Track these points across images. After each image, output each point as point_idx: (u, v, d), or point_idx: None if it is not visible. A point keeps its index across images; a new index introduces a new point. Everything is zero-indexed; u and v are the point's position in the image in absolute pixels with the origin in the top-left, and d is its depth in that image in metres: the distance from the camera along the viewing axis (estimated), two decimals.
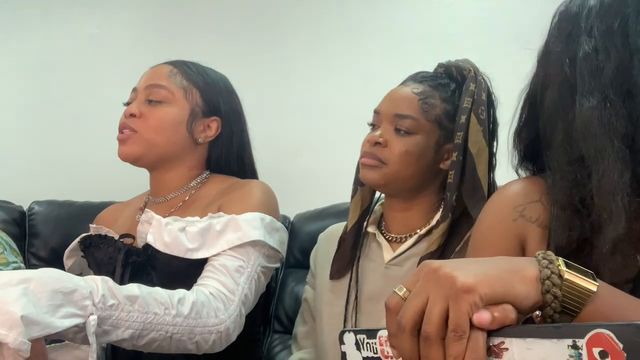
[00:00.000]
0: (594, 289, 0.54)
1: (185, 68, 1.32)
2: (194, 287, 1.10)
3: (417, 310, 0.54)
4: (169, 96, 1.27)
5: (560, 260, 0.55)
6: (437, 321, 0.52)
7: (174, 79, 1.29)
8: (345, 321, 1.17)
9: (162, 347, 1.02)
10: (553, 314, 0.54)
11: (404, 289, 0.56)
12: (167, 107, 1.27)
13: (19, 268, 1.36)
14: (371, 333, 0.61)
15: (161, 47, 2.09)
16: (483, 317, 0.51)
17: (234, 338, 1.12)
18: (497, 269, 0.54)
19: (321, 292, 1.25)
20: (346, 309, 1.17)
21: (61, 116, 2.25)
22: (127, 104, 1.31)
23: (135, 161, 1.29)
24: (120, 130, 1.27)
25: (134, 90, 1.31)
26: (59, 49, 2.28)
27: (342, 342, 0.64)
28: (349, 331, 0.63)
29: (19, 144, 2.26)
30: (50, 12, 2.30)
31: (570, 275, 0.54)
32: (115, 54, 2.21)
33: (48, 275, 0.87)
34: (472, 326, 0.51)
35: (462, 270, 0.53)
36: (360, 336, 0.62)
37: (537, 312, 0.55)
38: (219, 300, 1.09)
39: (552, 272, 0.54)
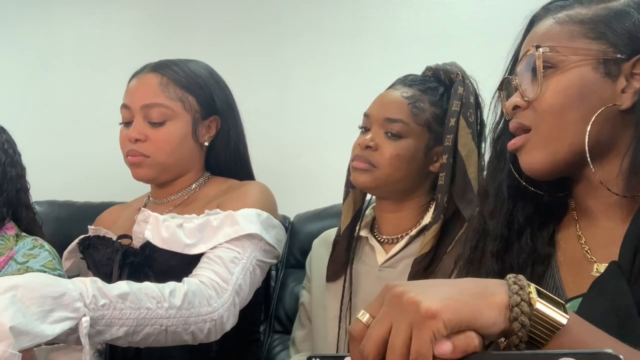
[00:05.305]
0: (564, 322, 0.52)
1: (172, 74, 1.27)
2: (185, 279, 1.09)
3: (379, 339, 0.52)
4: (169, 113, 1.25)
5: (532, 287, 0.53)
6: (400, 352, 0.50)
7: (168, 92, 1.25)
8: (339, 323, 1.17)
9: (159, 341, 1.02)
10: (519, 343, 0.52)
11: (367, 315, 0.54)
12: (170, 125, 1.25)
13: (62, 276, 1.35)
14: (337, 359, 0.60)
15: (162, 47, 2.08)
16: (443, 347, 0.49)
17: (228, 327, 1.11)
18: (464, 293, 0.52)
19: (317, 295, 1.26)
20: (340, 311, 1.18)
21: (61, 116, 2.25)
22: (125, 123, 1.28)
23: (151, 182, 1.31)
24: (128, 154, 1.26)
25: (126, 107, 1.27)
26: (59, 49, 2.29)
27: None
28: (315, 357, 0.63)
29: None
30: (50, 12, 2.31)
31: (541, 305, 0.52)
32: (115, 54, 2.21)
33: (35, 280, 0.86)
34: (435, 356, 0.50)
35: (427, 294, 0.51)
36: None
37: (503, 339, 0.53)
38: (210, 288, 1.08)
39: (522, 300, 0.52)
